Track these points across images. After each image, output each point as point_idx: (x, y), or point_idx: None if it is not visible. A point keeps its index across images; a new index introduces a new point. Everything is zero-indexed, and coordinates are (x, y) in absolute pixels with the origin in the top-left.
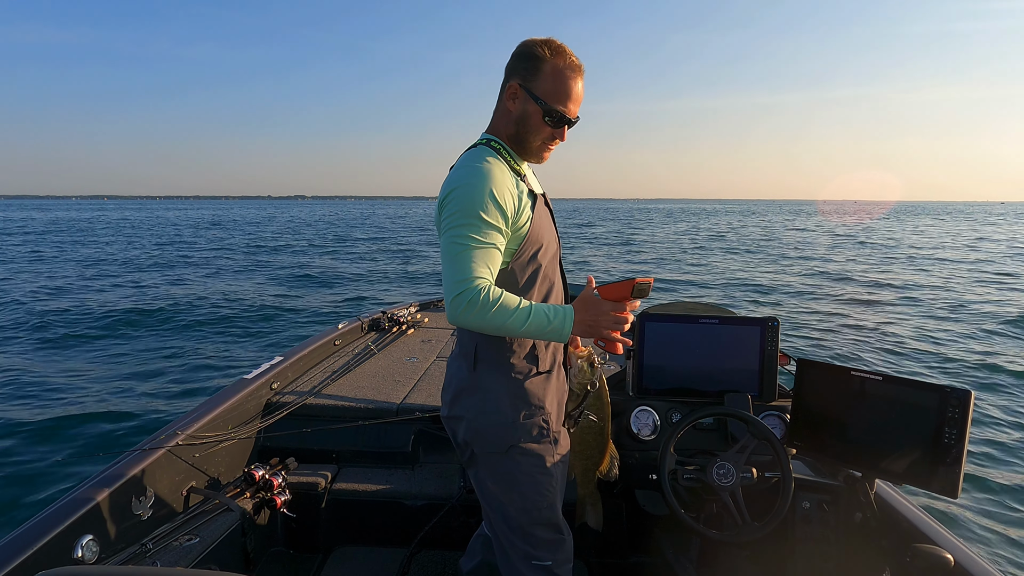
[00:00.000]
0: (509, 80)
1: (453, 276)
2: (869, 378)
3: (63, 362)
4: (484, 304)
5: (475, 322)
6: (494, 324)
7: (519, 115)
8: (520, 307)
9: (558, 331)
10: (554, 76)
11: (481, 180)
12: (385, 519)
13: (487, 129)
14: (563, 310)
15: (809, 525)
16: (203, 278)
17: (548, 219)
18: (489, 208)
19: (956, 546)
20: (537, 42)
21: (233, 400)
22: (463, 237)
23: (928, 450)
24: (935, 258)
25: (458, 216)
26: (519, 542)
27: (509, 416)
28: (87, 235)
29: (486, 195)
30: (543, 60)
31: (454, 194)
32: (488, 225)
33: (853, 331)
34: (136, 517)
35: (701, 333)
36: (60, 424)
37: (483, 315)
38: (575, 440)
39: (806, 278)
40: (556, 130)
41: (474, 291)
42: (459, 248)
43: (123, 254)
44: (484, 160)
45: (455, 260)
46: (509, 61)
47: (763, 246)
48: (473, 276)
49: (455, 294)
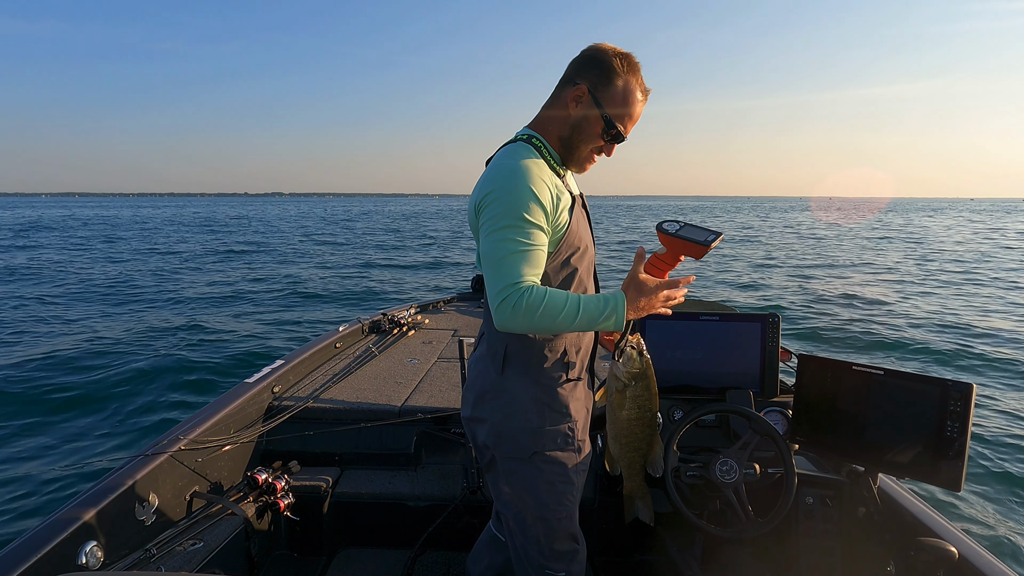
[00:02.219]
0: (575, 82)
1: (498, 281)
2: (871, 372)
3: (64, 368)
4: (531, 307)
5: (524, 326)
6: (543, 325)
7: (578, 119)
8: (568, 304)
9: (611, 319)
10: (625, 93)
11: (521, 179)
12: (389, 521)
13: (530, 125)
14: (614, 299)
15: (813, 520)
16: (202, 277)
17: (585, 222)
18: (532, 208)
19: (960, 539)
20: (614, 53)
21: (235, 404)
22: (506, 240)
23: (931, 443)
24: (931, 251)
25: (500, 218)
26: (534, 552)
27: (535, 422)
28: (63, 233)
29: (528, 194)
30: (617, 74)
31: (495, 195)
32: (532, 225)
33: (853, 326)
34: (140, 523)
35: (702, 330)
36: (62, 430)
37: (531, 318)
38: (621, 432)
39: (801, 275)
40: (607, 145)
41: (520, 294)
42: (503, 251)
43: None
44: (523, 157)
45: (499, 264)
46: (576, 62)
47: (752, 240)
48: (519, 279)
49: (501, 299)
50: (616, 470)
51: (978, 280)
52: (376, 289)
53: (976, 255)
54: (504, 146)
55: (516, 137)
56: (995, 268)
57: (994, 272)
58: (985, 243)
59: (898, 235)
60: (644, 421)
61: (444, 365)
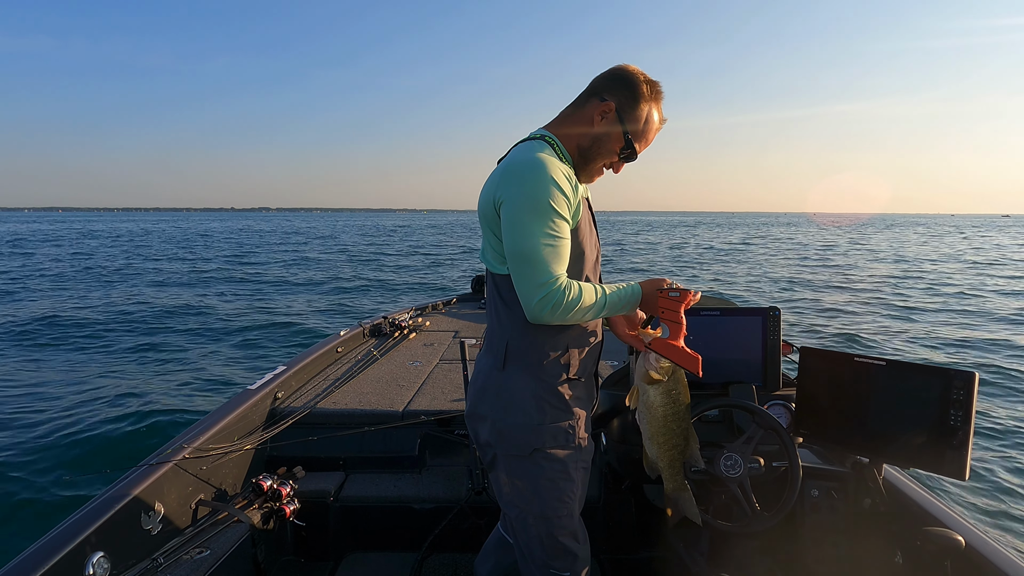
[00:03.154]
0: (604, 97)
1: (533, 278)
2: (873, 363)
3: (66, 381)
4: (569, 303)
5: (558, 319)
6: (576, 319)
7: (600, 134)
8: (598, 297)
9: (628, 309)
10: (647, 119)
11: (544, 171)
12: (394, 524)
13: (547, 126)
14: (631, 292)
15: (818, 513)
16: (200, 290)
17: (591, 224)
18: (557, 198)
19: (966, 528)
20: (644, 79)
21: (238, 411)
22: (536, 235)
23: (934, 433)
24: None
25: (528, 211)
26: (537, 550)
27: (535, 418)
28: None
29: (552, 185)
30: (644, 99)
31: (517, 190)
32: (557, 216)
33: (853, 319)
34: (146, 532)
35: (703, 325)
36: (67, 441)
37: (567, 313)
38: (658, 432)
39: (797, 275)
40: (619, 162)
41: (558, 292)
42: (535, 247)
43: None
44: (540, 152)
45: (532, 262)
46: (606, 79)
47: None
48: (554, 276)
49: (539, 297)
50: (656, 472)
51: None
52: (377, 292)
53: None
54: (518, 144)
55: (531, 136)
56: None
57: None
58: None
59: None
60: (679, 416)
61: (446, 367)
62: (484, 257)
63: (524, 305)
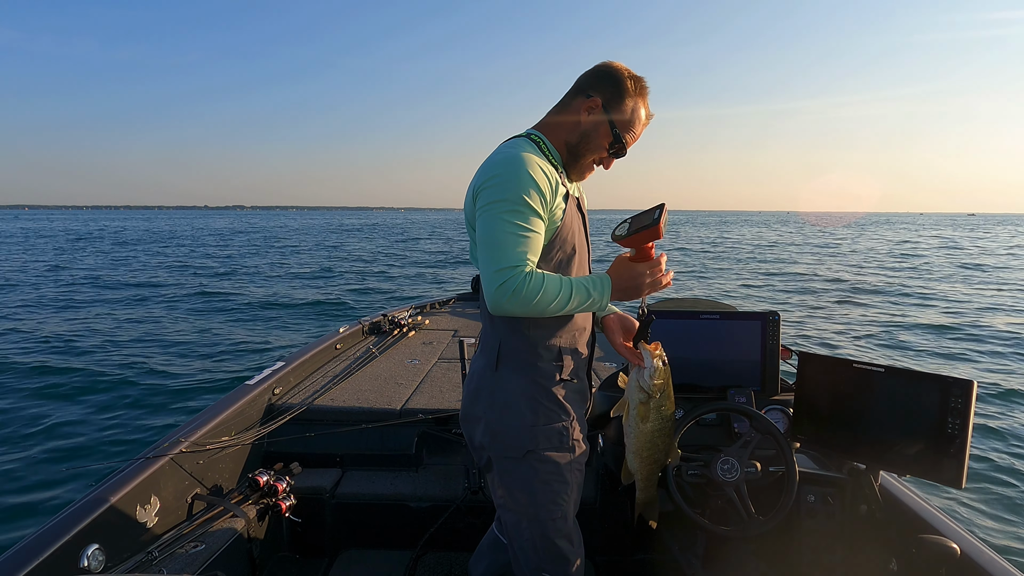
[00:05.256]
0: (589, 94)
1: (494, 263)
2: (871, 370)
3: (64, 372)
4: (529, 291)
5: (519, 310)
6: (538, 310)
7: (588, 129)
8: (563, 288)
9: (598, 303)
10: (634, 113)
11: (521, 165)
12: (390, 522)
13: (535, 126)
14: (600, 281)
15: (814, 518)
16: (194, 285)
17: (580, 223)
18: (531, 193)
19: (962, 536)
20: (629, 74)
21: (236, 406)
22: (504, 223)
23: (932, 441)
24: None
25: (500, 201)
26: (531, 553)
27: (528, 420)
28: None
29: (527, 179)
30: (629, 95)
31: (494, 180)
32: (530, 210)
33: (853, 324)
34: (141, 525)
35: (702, 329)
36: (64, 434)
37: (528, 303)
38: (643, 446)
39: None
40: (608, 158)
41: (518, 278)
42: (500, 234)
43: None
44: (523, 149)
45: (496, 247)
46: (591, 75)
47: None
48: (516, 263)
49: (499, 283)
50: (630, 480)
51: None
52: (378, 290)
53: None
54: (506, 141)
55: (518, 134)
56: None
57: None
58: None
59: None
60: (665, 431)
61: (444, 365)
62: (472, 256)
63: (485, 292)
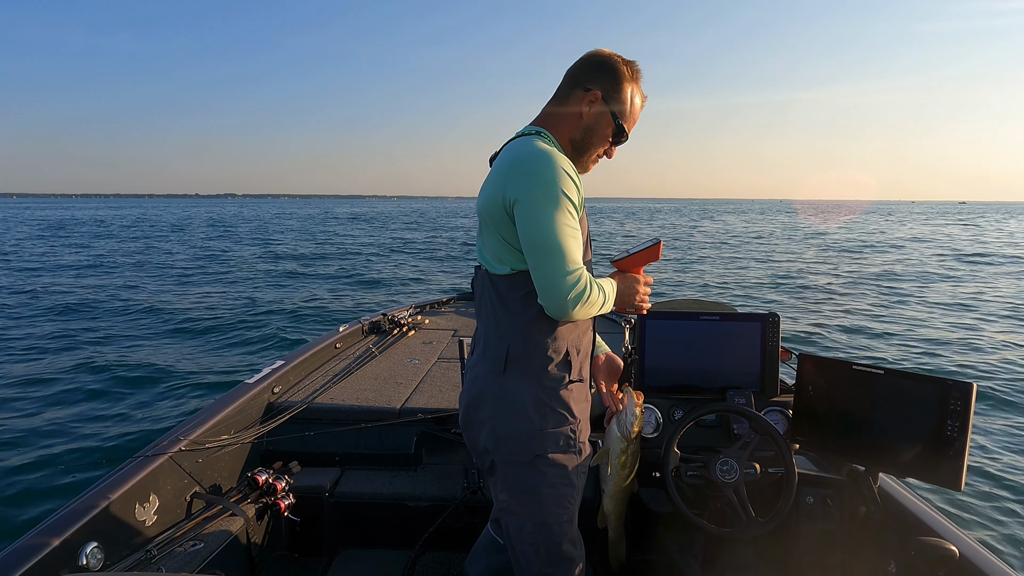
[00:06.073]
0: (587, 87)
1: (561, 270)
2: (871, 372)
3: (63, 369)
4: (592, 296)
5: (583, 314)
6: (592, 312)
7: (591, 123)
8: (605, 290)
9: (608, 305)
10: (632, 98)
11: (554, 162)
12: (389, 521)
13: (534, 122)
14: (611, 284)
15: (813, 520)
16: (195, 283)
17: (586, 221)
18: (570, 188)
19: (961, 538)
20: (621, 60)
21: (235, 405)
22: (559, 225)
23: (931, 443)
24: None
25: (546, 203)
26: (534, 557)
27: (537, 424)
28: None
29: (564, 176)
30: (625, 80)
31: (532, 182)
32: (572, 205)
33: (853, 326)
34: (140, 524)
35: (702, 330)
36: (62, 432)
37: (592, 306)
38: (617, 491)
39: (797, 274)
40: (610, 147)
41: (585, 285)
42: (562, 238)
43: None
44: (545, 143)
45: (558, 252)
46: (584, 67)
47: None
48: (579, 266)
49: (570, 289)
50: (604, 524)
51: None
52: (375, 288)
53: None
54: (517, 137)
55: (525, 132)
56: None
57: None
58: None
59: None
60: (635, 473)
61: (444, 365)
62: (482, 257)
63: (552, 299)
